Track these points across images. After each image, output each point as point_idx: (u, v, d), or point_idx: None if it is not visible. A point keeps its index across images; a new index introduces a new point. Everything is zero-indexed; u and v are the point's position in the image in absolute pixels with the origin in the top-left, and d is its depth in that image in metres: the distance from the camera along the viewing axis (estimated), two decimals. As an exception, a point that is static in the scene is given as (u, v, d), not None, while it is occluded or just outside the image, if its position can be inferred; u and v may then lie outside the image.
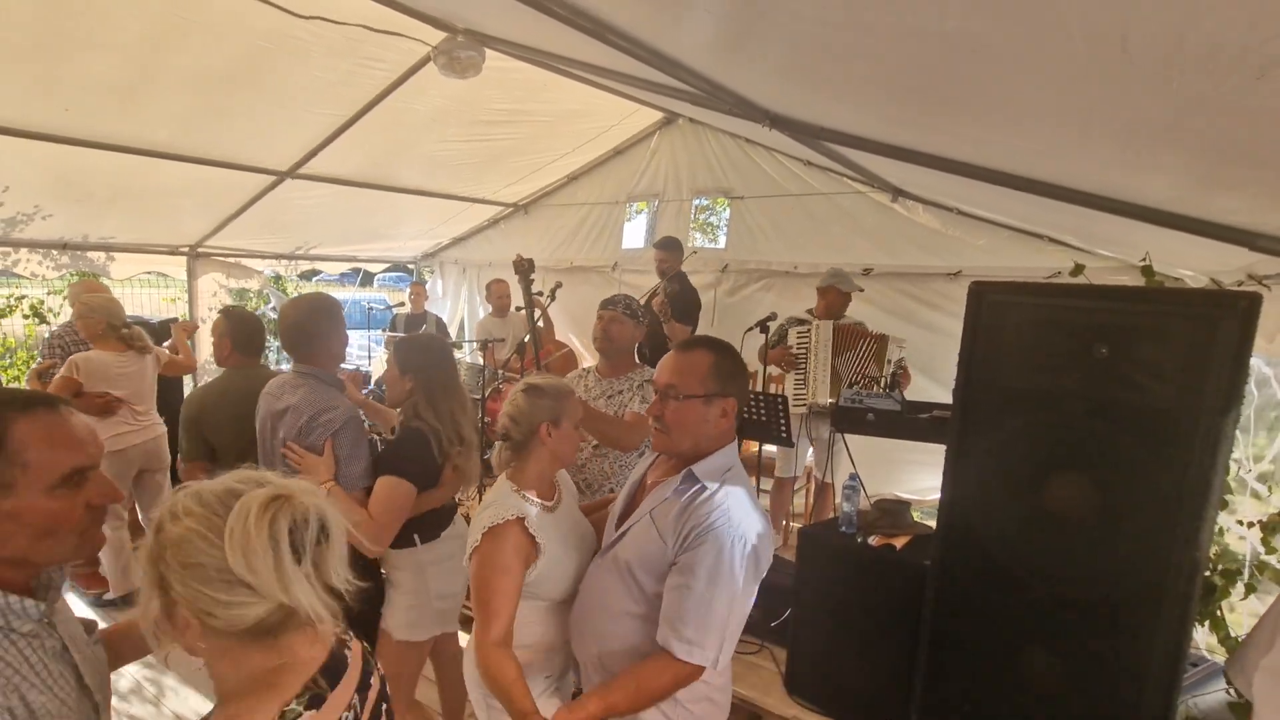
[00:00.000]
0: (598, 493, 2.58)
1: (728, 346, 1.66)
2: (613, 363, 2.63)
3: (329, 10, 2.87)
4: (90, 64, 3.03)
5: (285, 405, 2.05)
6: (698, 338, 1.75)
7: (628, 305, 2.60)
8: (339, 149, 4.31)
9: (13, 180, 3.93)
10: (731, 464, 1.58)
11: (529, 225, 6.31)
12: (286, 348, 2.09)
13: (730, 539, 1.42)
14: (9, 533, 0.91)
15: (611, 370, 2.63)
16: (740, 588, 1.43)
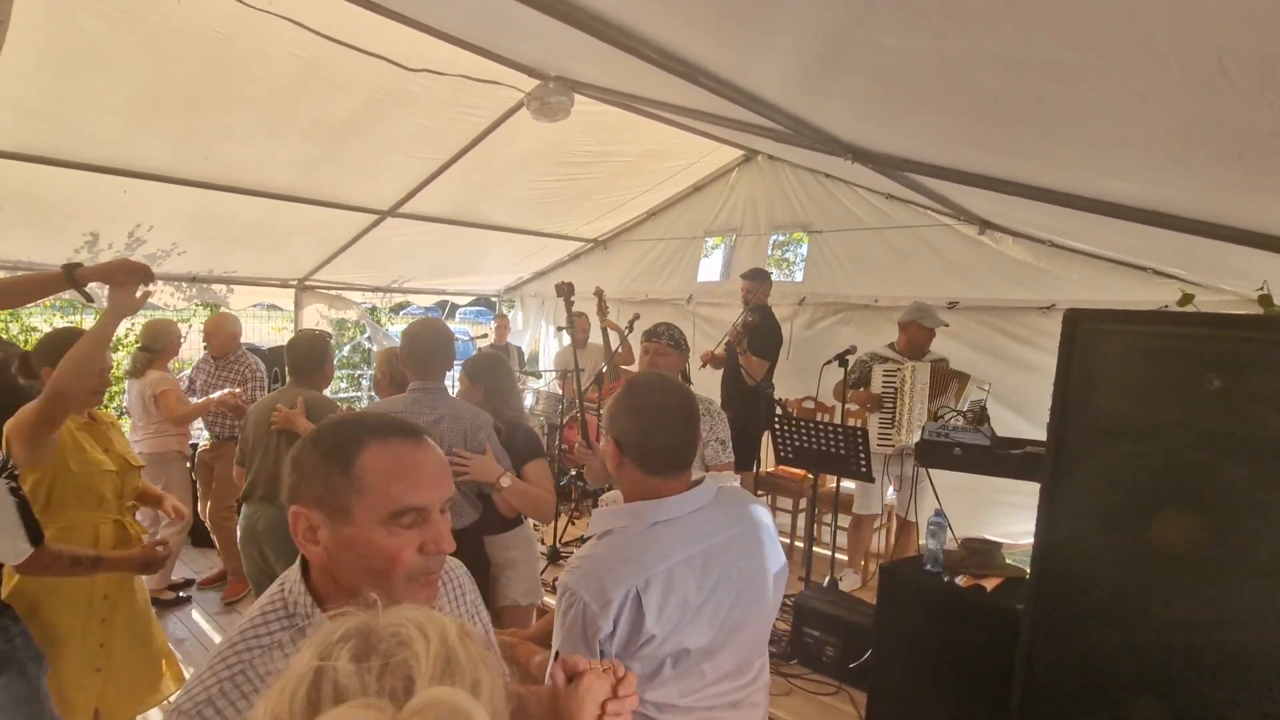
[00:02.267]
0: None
1: (630, 383, 1.45)
2: None
3: (435, 64, 3.14)
4: (229, 118, 3.42)
5: (436, 417, 2.23)
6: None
7: (671, 335, 2.70)
8: (435, 189, 4.63)
9: (158, 220, 4.43)
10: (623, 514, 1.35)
11: (607, 259, 6.50)
12: (417, 365, 2.26)
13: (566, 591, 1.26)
14: (347, 563, 0.87)
15: None
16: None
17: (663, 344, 2.66)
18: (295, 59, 2.95)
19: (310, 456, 0.89)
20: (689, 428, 1.36)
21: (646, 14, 1.94)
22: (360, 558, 0.86)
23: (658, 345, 2.67)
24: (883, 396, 3.99)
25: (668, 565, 1.26)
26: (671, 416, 1.34)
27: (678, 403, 1.37)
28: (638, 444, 1.33)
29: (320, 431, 0.93)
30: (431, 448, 0.93)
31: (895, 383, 3.93)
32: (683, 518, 1.31)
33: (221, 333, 4.41)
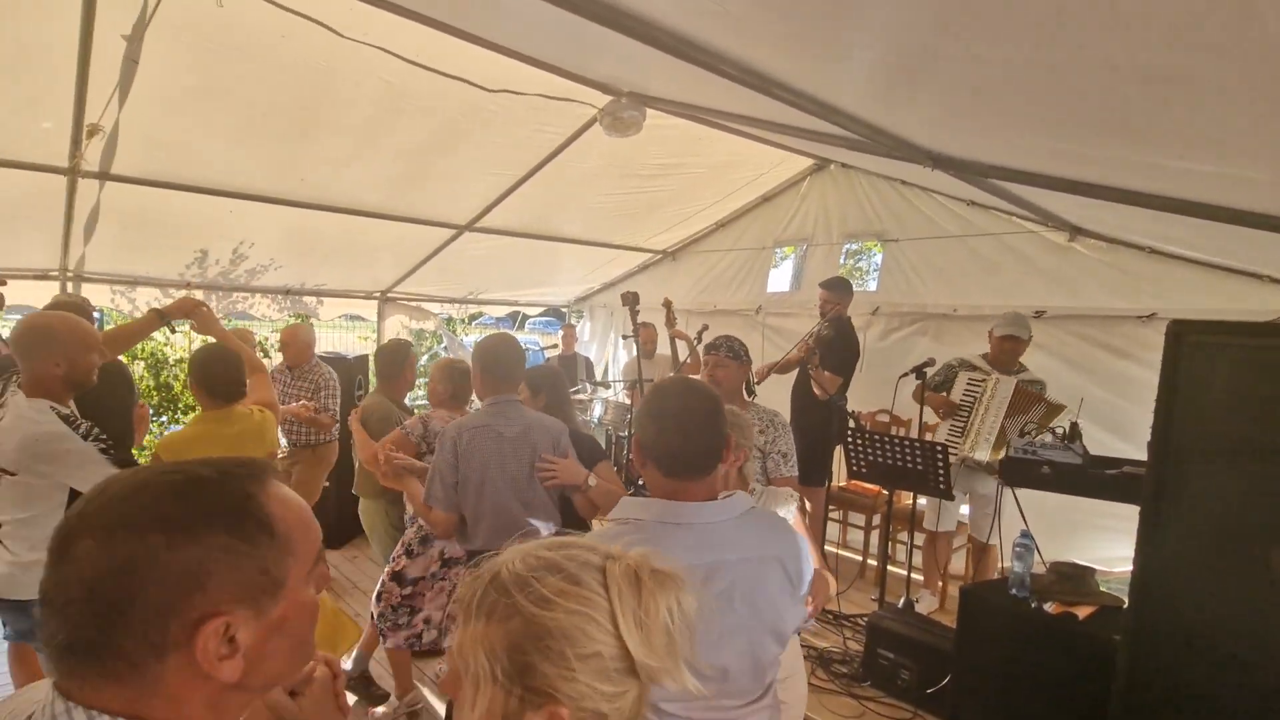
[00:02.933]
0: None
1: (654, 386, 1.49)
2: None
3: (513, 84, 3.26)
4: (324, 142, 3.65)
5: (521, 428, 2.32)
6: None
7: (730, 348, 2.69)
8: (510, 204, 4.78)
9: (258, 238, 4.77)
10: (641, 506, 1.36)
11: (675, 270, 6.53)
12: (498, 379, 2.35)
13: None
14: (271, 652, 0.66)
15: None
16: None
17: (721, 356, 2.67)
18: (386, 85, 3.13)
19: (214, 544, 0.62)
20: (706, 432, 1.34)
21: (725, 32, 1.96)
22: (291, 636, 0.68)
23: (716, 358, 2.68)
24: (960, 405, 3.84)
25: None
26: (687, 420, 1.33)
27: (696, 406, 1.36)
28: (655, 446, 1.34)
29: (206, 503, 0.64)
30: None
31: (977, 393, 3.77)
32: (697, 525, 1.30)
33: (296, 343, 4.48)
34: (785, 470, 2.65)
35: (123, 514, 0.62)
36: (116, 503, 0.62)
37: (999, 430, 3.66)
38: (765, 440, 2.62)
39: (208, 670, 0.61)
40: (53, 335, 2.02)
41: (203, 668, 0.61)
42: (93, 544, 0.60)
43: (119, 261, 4.66)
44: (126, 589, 0.59)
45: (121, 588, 0.59)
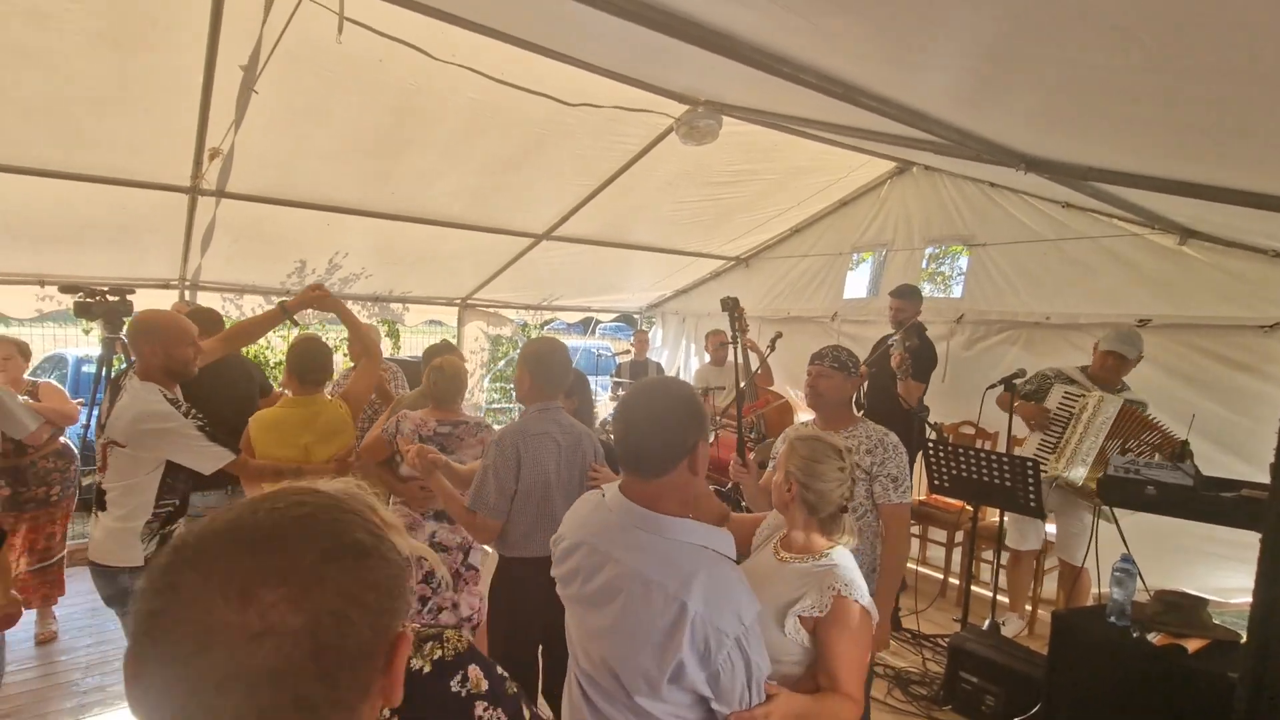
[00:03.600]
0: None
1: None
2: (826, 417, 2.54)
3: (593, 97, 3.34)
4: (412, 158, 3.84)
5: (574, 437, 2.37)
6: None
7: (836, 358, 2.49)
8: (585, 213, 4.88)
9: (352, 248, 5.06)
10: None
11: (748, 277, 6.48)
12: (554, 384, 2.39)
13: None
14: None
15: (827, 425, 2.53)
16: None
17: (825, 366, 2.48)
18: (471, 102, 3.27)
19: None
20: (650, 431, 1.32)
21: (811, 44, 1.95)
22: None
23: (820, 368, 2.49)
24: (1053, 417, 3.62)
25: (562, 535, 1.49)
26: (638, 416, 1.35)
27: (654, 404, 1.34)
28: (617, 440, 1.40)
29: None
30: None
31: (1074, 408, 3.55)
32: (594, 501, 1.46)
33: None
34: (894, 496, 2.38)
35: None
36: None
37: (1097, 452, 3.43)
38: (873, 462, 2.40)
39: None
40: (154, 328, 2.33)
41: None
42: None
43: (229, 271, 5.04)
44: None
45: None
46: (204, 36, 2.55)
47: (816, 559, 1.62)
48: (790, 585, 1.60)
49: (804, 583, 1.58)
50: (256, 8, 2.30)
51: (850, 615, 1.51)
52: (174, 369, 2.36)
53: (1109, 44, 1.36)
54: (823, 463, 1.68)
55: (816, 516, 1.68)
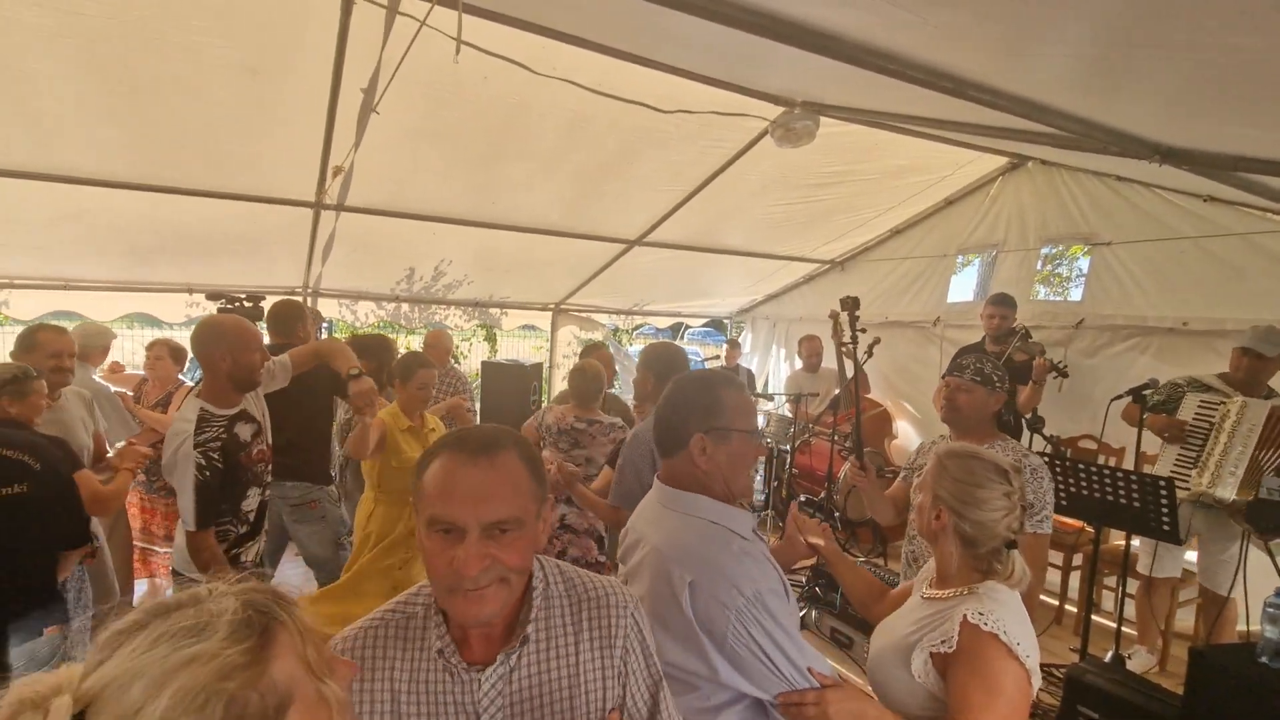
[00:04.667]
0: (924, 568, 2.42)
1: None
2: (962, 434, 2.37)
3: (687, 103, 3.34)
4: (512, 169, 3.99)
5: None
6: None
7: (979, 371, 2.28)
8: (678, 218, 4.90)
9: (455, 256, 5.32)
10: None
11: (844, 281, 6.28)
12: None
13: None
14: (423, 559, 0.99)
15: (964, 438, 2.36)
16: None
17: (966, 379, 2.28)
18: (570, 114, 3.36)
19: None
20: (661, 414, 1.44)
21: (917, 39, 1.87)
22: (424, 557, 0.93)
23: (960, 381, 2.29)
24: (1190, 429, 3.27)
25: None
26: (660, 400, 1.47)
27: (667, 389, 1.46)
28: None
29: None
30: (485, 468, 0.92)
31: (1213, 417, 3.21)
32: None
33: (438, 347, 4.80)
34: (1030, 525, 2.13)
35: None
36: None
37: (1247, 463, 3.08)
38: (1006, 490, 2.29)
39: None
40: (222, 333, 2.26)
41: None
42: None
43: (345, 279, 5.43)
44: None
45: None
46: (330, 63, 2.75)
47: (963, 593, 1.40)
48: (924, 619, 1.41)
49: (941, 615, 1.37)
50: (378, 35, 2.46)
51: (985, 651, 1.26)
52: (240, 375, 2.28)
53: (1267, 25, 1.22)
54: (984, 487, 1.42)
55: (974, 551, 1.43)
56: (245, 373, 2.28)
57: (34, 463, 1.81)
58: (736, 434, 1.36)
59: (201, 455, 2.14)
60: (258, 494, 2.45)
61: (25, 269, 4.60)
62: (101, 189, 3.55)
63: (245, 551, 2.47)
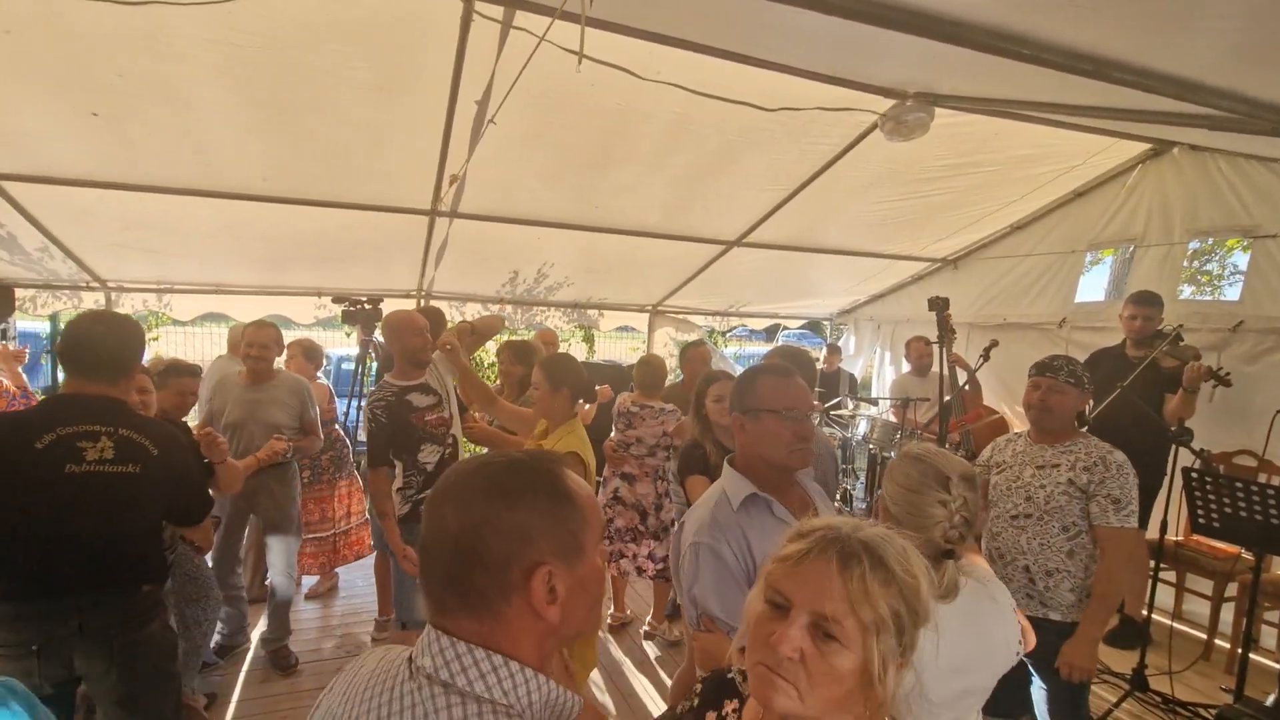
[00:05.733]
0: (1009, 565, 2.39)
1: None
2: (1047, 435, 2.40)
3: (792, 100, 3.27)
4: (614, 172, 4.05)
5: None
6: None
7: (1072, 372, 2.31)
8: (778, 218, 4.80)
9: (557, 259, 5.47)
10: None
11: (956, 280, 5.94)
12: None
13: None
14: (576, 605, 0.84)
15: (1042, 438, 2.41)
16: None
17: (1060, 381, 2.29)
18: (673, 116, 3.37)
19: (537, 508, 0.82)
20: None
21: (1053, 18, 1.73)
22: (589, 593, 0.86)
23: (1053, 381, 2.30)
24: None
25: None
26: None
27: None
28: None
29: (529, 480, 0.84)
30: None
31: None
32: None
33: (553, 346, 5.06)
34: (1114, 519, 2.20)
35: (471, 487, 0.83)
36: (466, 478, 0.84)
37: None
38: (1090, 480, 2.24)
39: (539, 611, 0.80)
40: (394, 325, 3.08)
41: (535, 608, 0.80)
42: (453, 510, 0.81)
43: (455, 282, 5.71)
44: (479, 541, 0.79)
45: (476, 540, 0.79)
46: (448, 78, 2.91)
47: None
48: None
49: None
50: (493, 49, 2.58)
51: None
52: (409, 356, 3.04)
53: None
54: (919, 492, 1.39)
55: None
56: (411, 353, 3.04)
57: (153, 447, 2.00)
58: (766, 413, 1.60)
59: (369, 411, 3.03)
60: (436, 450, 3.07)
61: (185, 275, 5.16)
62: (249, 202, 3.93)
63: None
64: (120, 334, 2.07)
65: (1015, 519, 2.37)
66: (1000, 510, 2.43)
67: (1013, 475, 2.43)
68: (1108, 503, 2.21)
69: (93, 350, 2.00)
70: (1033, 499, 2.34)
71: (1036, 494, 2.34)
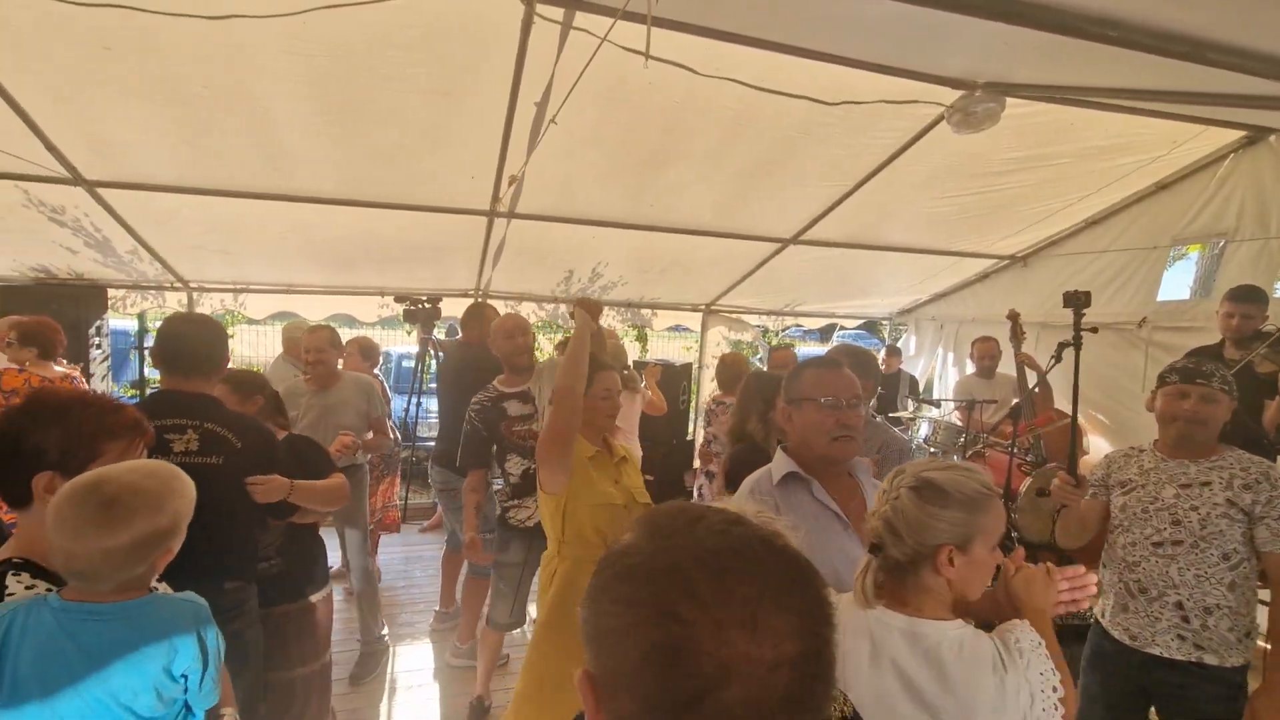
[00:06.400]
0: (1155, 601, 2.10)
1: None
2: (1192, 451, 2.12)
3: (855, 93, 3.19)
4: (670, 170, 4.03)
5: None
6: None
7: (1224, 379, 2.07)
8: (837, 214, 4.69)
9: (611, 258, 5.49)
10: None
11: (1026, 278, 5.69)
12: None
13: None
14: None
15: (1185, 451, 2.13)
16: None
17: (1213, 388, 2.04)
18: (730, 113, 3.33)
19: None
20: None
21: None
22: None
23: (1204, 389, 2.05)
24: None
25: None
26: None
27: None
28: None
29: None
30: None
31: None
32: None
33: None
34: (1272, 544, 1.94)
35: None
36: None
37: None
38: (1254, 500, 1.98)
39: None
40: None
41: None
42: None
43: (511, 281, 5.80)
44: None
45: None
46: (509, 81, 2.95)
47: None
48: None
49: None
50: (552, 51, 2.60)
51: None
52: (504, 360, 3.22)
53: None
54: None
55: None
56: (504, 356, 3.17)
57: (237, 440, 2.09)
58: (807, 402, 1.69)
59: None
60: (521, 462, 3.12)
61: (259, 275, 5.41)
62: (317, 205, 4.09)
63: (515, 511, 3.12)
64: (208, 334, 2.20)
65: (1160, 546, 2.09)
66: (1136, 536, 2.14)
67: (1148, 495, 2.14)
68: (1278, 524, 1.94)
69: (184, 350, 2.12)
70: (1183, 523, 2.05)
71: (1187, 518, 2.05)
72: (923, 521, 1.23)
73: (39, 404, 1.43)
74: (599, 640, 0.58)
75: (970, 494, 1.23)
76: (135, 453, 1.52)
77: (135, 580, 1.32)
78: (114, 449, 1.46)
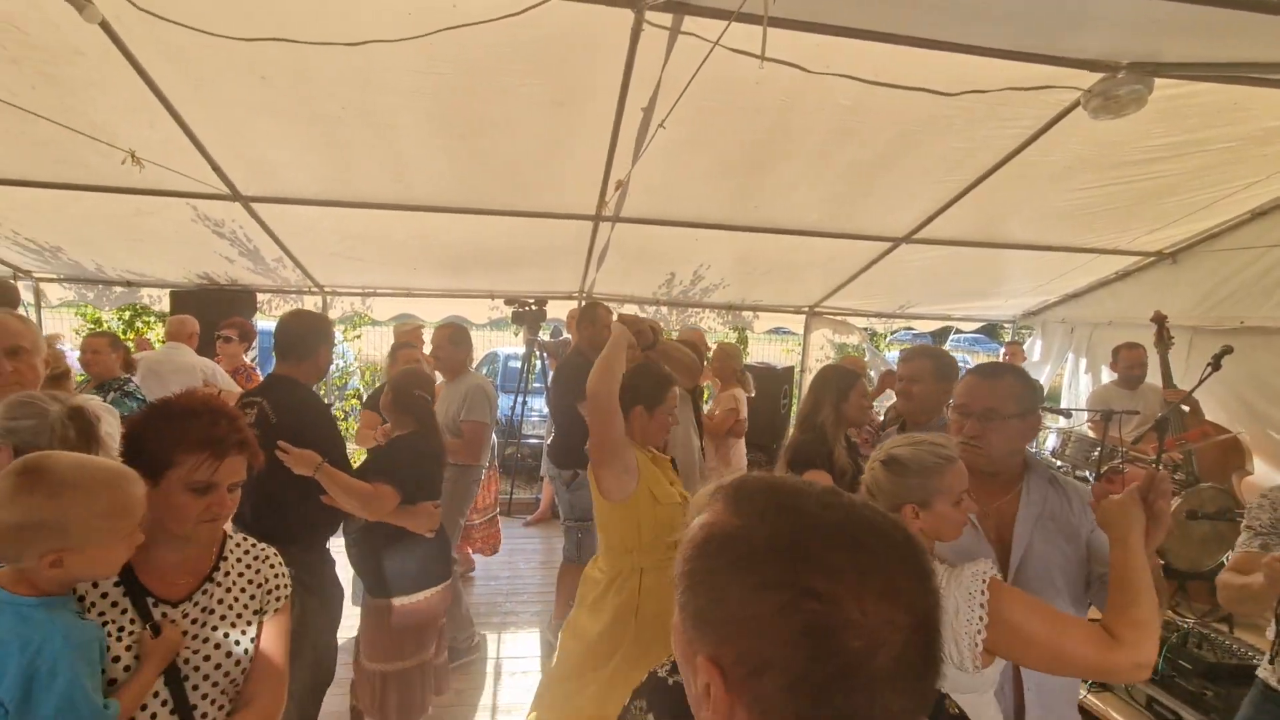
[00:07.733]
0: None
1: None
2: None
3: (978, 82, 2.99)
4: (775, 170, 3.96)
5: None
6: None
7: None
8: (953, 211, 4.43)
9: (713, 260, 5.47)
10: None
11: (1175, 276, 5.13)
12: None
13: None
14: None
15: None
16: None
17: None
18: (841, 110, 3.23)
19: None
20: None
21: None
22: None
23: None
24: None
25: None
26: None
27: None
28: None
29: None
30: None
31: None
32: None
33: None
34: None
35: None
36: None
37: None
38: None
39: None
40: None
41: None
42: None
43: (613, 284, 5.91)
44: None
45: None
46: (617, 88, 3.01)
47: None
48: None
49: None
50: (659, 57, 2.63)
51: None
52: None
53: None
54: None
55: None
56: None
57: (273, 415, 2.36)
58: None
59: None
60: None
61: (383, 280, 5.84)
62: (436, 214, 4.36)
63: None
64: (301, 326, 2.55)
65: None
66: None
67: None
68: None
69: (279, 339, 2.50)
70: None
71: None
72: (888, 488, 1.52)
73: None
74: (727, 626, 0.58)
75: (927, 464, 1.49)
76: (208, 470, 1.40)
77: (24, 572, 1.19)
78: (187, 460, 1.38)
